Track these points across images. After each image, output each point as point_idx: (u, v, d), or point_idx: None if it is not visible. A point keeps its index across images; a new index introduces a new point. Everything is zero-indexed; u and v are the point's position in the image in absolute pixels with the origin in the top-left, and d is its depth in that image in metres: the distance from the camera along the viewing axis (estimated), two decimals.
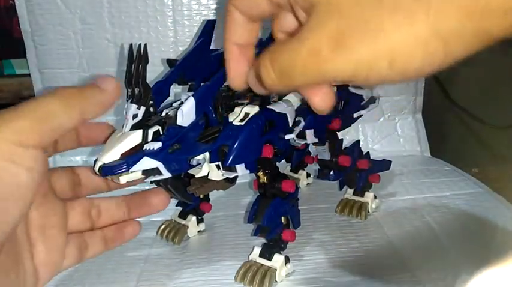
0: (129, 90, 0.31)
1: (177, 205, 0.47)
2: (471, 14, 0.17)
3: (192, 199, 0.40)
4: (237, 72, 0.27)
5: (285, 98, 0.40)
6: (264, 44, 0.36)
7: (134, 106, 0.31)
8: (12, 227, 0.24)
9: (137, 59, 0.31)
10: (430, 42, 0.18)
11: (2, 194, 0.23)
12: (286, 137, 0.37)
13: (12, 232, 0.25)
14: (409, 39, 0.18)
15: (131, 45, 0.33)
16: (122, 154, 0.30)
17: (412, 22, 0.18)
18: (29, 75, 0.67)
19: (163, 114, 0.34)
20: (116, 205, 0.34)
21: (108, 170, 0.29)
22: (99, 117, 0.28)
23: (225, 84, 0.38)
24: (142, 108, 0.31)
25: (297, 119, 0.39)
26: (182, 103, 0.33)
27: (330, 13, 0.19)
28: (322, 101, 0.24)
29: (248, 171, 0.35)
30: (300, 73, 0.21)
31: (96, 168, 0.29)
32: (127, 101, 0.32)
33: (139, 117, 0.31)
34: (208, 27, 0.40)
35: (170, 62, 0.38)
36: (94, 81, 0.29)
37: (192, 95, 0.33)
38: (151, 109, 0.32)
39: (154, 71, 0.64)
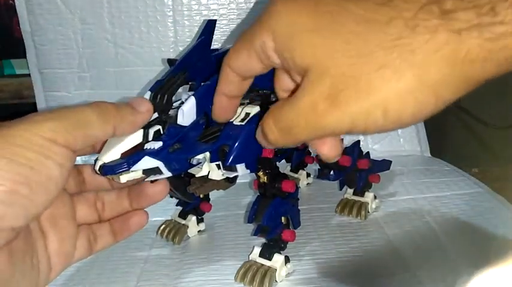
0: (152, 95, 0.33)
1: (177, 205, 0.47)
2: (454, 64, 0.18)
3: (192, 198, 0.40)
4: (222, 114, 0.33)
5: None
6: None
7: None
8: (34, 217, 0.25)
9: (180, 76, 0.34)
10: (419, 92, 0.19)
11: (33, 183, 0.24)
12: None
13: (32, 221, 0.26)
14: (399, 91, 0.19)
15: (170, 59, 0.38)
16: (122, 154, 0.30)
17: (400, 77, 0.19)
18: (29, 75, 0.67)
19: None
20: (117, 197, 0.34)
21: (109, 170, 0.29)
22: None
23: None
24: (155, 114, 0.32)
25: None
26: (183, 103, 0.33)
27: (323, 74, 0.21)
28: (330, 151, 0.25)
29: (248, 171, 0.35)
30: (300, 130, 0.23)
31: (97, 167, 0.29)
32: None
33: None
34: (209, 27, 0.40)
35: (170, 62, 0.38)
36: (130, 101, 0.31)
37: (193, 95, 0.33)
38: (164, 117, 0.32)
39: (154, 71, 0.64)
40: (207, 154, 0.34)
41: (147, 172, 0.31)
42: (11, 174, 0.23)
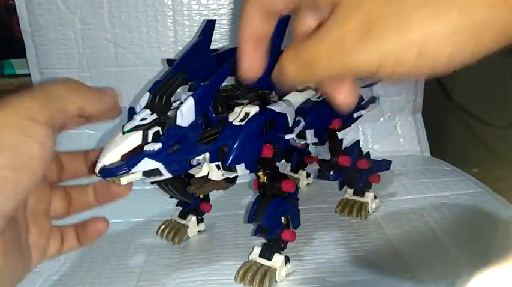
0: (151, 96, 0.33)
1: (177, 205, 0.47)
2: (498, 6, 0.17)
3: (192, 198, 0.40)
4: (251, 63, 0.27)
5: (285, 98, 0.40)
6: None
7: (148, 111, 0.32)
8: (23, 199, 0.25)
9: (178, 77, 0.34)
10: (459, 34, 0.18)
11: (16, 165, 0.24)
12: (286, 137, 0.37)
13: (21, 205, 0.26)
14: (437, 30, 0.18)
15: (169, 60, 0.37)
16: (122, 156, 0.30)
17: (440, 15, 0.18)
18: (29, 75, 0.67)
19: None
20: (84, 192, 0.33)
21: (109, 172, 0.29)
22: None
23: (225, 84, 0.38)
24: (154, 115, 0.32)
25: (297, 119, 0.39)
26: (182, 103, 0.33)
27: (356, 7, 0.19)
28: (345, 97, 0.24)
29: (248, 171, 0.35)
30: (323, 65, 0.21)
31: (97, 170, 0.29)
32: (144, 107, 0.33)
33: (147, 121, 0.32)
34: (208, 27, 0.40)
35: (170, 62, 0.38)
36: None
37: (191, 95, 0.33)
38: (163, 118, 0.33)
39: (154, 71, 0.64)
40: (207, 154, 0.34)
41: (147, 173, 0.31)
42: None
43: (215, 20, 0.40)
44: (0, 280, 0.25)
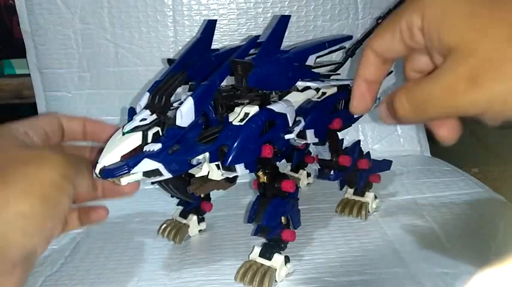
0: (150, 96, 0.33)
1: (178, 205, 0.47)
2: None
3: (193, 198, 0.40)
4: (361, 102, 0.31)
5: (285, 98, 0.40)
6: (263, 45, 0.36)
7: (148, 112, 0.32)
8: (50, 239, 0.30)
9: (178, 77, 0.34)
10: None
11: (55, 217, 0.30)
12: (286, 137, 0.37)
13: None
14: None
15: (170, 59, 0.38)
16: (122, 156, 0.30)
17: None
18: (29, 75, 0.67)
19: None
20: (92, 187, 0.35)
21: (109, 173, 0.29)
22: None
23: (224, 84, 0.38)
24: (153, 116, 0.32)
25: (297, 119, 0.39)
26: (182, 103, 0.33)
27: (466, 55, 0.22)
28: (449, 133, 0.26)
29: (248, 171, 0.35)
30: (434, 107, 0.24)
31: (97, 171, 0.29)
32: (144, 107, 0.33)
33: (147, 121, 0.32)
34: (209, 27, 0.40)
35: (170, 62, 0.38)
36: None
37: (191, 95, 0.33)
38: (162, 119, 0.33)
39: (154, 71, 0.64)
40: (207, 154, 0.34)
41: (147, 173, 0.31)
42: (43, 213, 0.28)
43: (216, 20, 0.40)
44: None
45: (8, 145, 0.32)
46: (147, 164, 0.30)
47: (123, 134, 0.31)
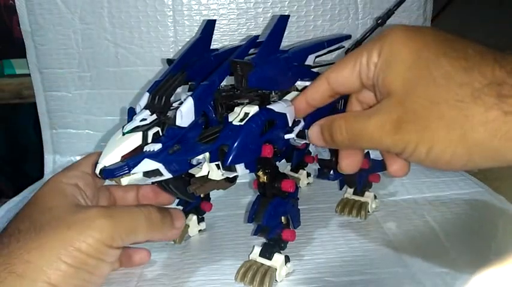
0: (150, 97, 0.33)
1: (177, 204, 0.47)
2: (493, 137, 0.23)
3: (193, 197, 0.40)
4: (300, 112, 0.37)
5: (285, 98, 0.40)
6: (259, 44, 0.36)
7: (148, 112, 0.32)
8: None
9: (178, 77, 0.34)
10: (458, 148, 0.24)
11: (91, 285, 0.32)
12: (286, 136, 0.37)
13: None
14: (444, 140, 0.24)
15: (169, 59, 0.38)
16: (122, 156, 0.30)
17: (449, 131, 0.24)
18: (29, 75, 0.67)
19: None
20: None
21: (109, 173, 0.29)
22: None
23: (224, 83, 0.38)
24: (154, 116, 0.32)
25: (296, 119, 0.39)
26: (182, 103, 0.33)
27: (399, 103, 0.26)
28: (397, 169, 0.31)
29: (248, 171, 0.35)
30: (365, 140, 0.28)
31: (98, 171, 0.29)
32: (144, 107, 0.33)
33: (147, 122, 0.32)
34: (209, 27, 0.40)
35: (170, 62, 0.38)
36: (172, 211, 0.39)
37: (191, 95, 0.33)
38: (162, 119, 0.33)
39: (154, 71, 0.64)
40: (207, 154, 0.34)
41: (148, 173, 0.31)
42: (77, 280, 0.30)
43: (215, 20, 0.40)
44: None
45: (57, 204, 0.33)
46: (148, 164, 0.30)
47: (123, 134, 0.31)
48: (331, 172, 0.46)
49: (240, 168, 0.34)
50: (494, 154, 0.24)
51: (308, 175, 0.58)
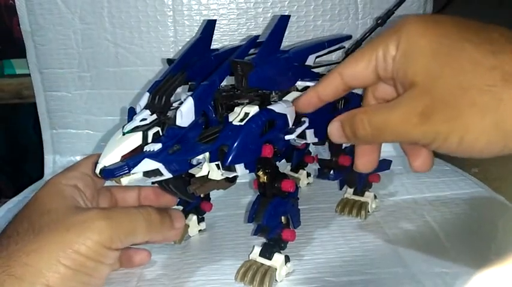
0: (150, 97, 0.33)
1: (177, 204, 0.47)
2: None
3: (193, 197, 0.40)
4: (305, 106, 0.35)
5: (285, 98, 0.40)
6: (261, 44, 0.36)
7: (148, 112, 0.32)
8: None
9: (178, 77, 0.34)
10: (492, 135, 0.23)
11: (89, 284, 0.31)
12: (287, 137, 0.37)
13: None
14: (477, 127, 0.23)
15: (170, 59, 0.38)
16: (122, 156, 0.30)
17: (483, 117, 0.23)
18: (29, 75, 0.67)
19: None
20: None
21: (109, 173, 0.29)
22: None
23: (224, 83, 0.38)
24: (154, 116, 0.32)
25: (302, 119, 0.39)
26: (182, 103, 0.33)
27: (425, 93, 0.25)
28: (421, 165, 0.30)
29: (247, 171, 0.35)
30: (390, 133, 0.27)
31: (98, 171, 0.29)
32: (144, 107, 0.33)
33: (147, 122, 0.32)
34: (209, 27, 0.40)
35: (170, 62, 0.38)
36: (171, 212, 0.38)
37: (191, 95, 0.33)
38: (162, 119, 0.33)
39: (154, 71, 0.64)
40: (207, 154, 0.34)
41: (148, 173, 0.31)
42: (76, 283, 0.30)
43: (215, 20, 0.40)
44: None
45: (56, 206, 0.32)
46: (148, 164, 0.30)
47: (123, 134, 0.31)
48: (331, 172, 0.46)
49: (240, 168, 0.34)
50: None
51: (308, 175, 0.58)
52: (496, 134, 0.23)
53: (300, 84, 0.41)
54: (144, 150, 0.31)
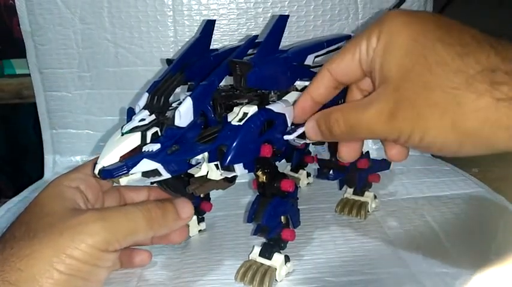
0: (149, 97, 0.33)
1: None
2: (484, 124, 0.23)
3: (192, 198, 0.40)
4: (301, 115, 0.35)
5: (284, 98, 0.40)
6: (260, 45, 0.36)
7: (146, 112, 0.32)
8: None
9: (177, 77, 0.34)
10: (449, 136, 0.24)
11: None
12: (285, 137, 0.37)
13: None
14: (436, 127, 0.24)
15: (169, 59, 0.38)
16: (121, 157, 0.30)
17: (441, 117, 0.24)
18: (29, 75, 0.67)
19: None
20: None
21: (108, 173, 0.29)
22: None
23: (223, 83, 0.38)
24: (152, 116, 0.32)
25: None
26: (181, 103, 0.33)
27: (394, 91, 0.26)
28: (397, 153, 0.30)
29: (246, 171, 0.35)
30: (362, 131, 0.28)
31: (96, 171, 0.29)
32: (143, 107, 0.33)
33: (145, 122, 0.32)
34: (208, 27, 0.40)
35: (170, 62, 0.38)
36: (176, 202, 0.36)
37: (189, 95, 0.33)
38: (161, 119, 0.33)
39: (154, 71, 0.64)
40: (206, 154, 0.34)
41: (146, 174, 0.31)
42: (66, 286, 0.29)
43: (215, 20, 0.40)
44: None
45: (54, 210, 0.32)
46: (146, 165, 0.30)
47: (122, 134, 0.31)
48: (331, 171, 0.46)
49: (239, 168, 0.34)
50: (485, 141, 0.24)
51: (308, 175, 0.58)
52: (452, 135, 0.24)
53: (299, 84, 0.41)
54: (143, 150, 0.31)
